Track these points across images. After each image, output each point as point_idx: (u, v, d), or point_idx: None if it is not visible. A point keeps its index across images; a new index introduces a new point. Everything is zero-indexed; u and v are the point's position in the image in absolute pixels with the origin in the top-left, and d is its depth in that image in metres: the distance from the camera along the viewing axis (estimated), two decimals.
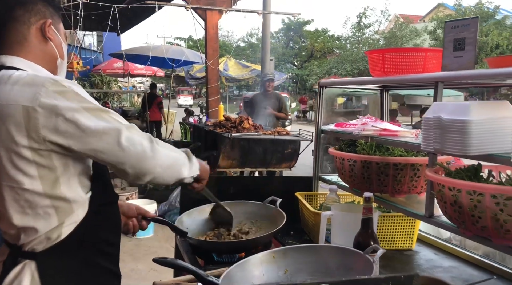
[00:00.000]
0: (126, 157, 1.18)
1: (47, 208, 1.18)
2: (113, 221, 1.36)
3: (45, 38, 1.29)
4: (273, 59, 8.81)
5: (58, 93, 1.14)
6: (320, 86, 2.27)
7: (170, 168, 1.29)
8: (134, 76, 17.44)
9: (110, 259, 1.33)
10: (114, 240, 1.36)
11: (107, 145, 1.16)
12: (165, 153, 1.26)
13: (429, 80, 1.56)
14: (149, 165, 1.21)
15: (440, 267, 1.80)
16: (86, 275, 1.25)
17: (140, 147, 1.19)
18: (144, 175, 1.22)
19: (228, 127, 5.42)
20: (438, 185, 1.35)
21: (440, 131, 1.36)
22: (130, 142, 1.18)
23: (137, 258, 4.44)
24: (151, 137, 1.24)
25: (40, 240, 1.19)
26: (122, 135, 1.17)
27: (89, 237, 1.25)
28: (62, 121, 1.13)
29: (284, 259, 1.53)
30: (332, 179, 2.29)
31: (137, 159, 1.19)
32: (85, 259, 1.25)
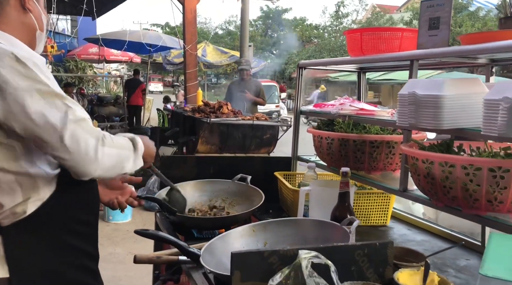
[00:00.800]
0: (66, 153, 1.12)
1: (11, 183, 1.16)
2: (86, 200, 1.32)
3: (24, 9, 1.24)
4: (251, 45, 8.80)
5: (14, 69, 1.08)
6: (299, 67, 2.30)
7: (112, 169, 1.23)
8: (110, 62, 17.10)
9: (83, 238, 1.30)
10: (88, 219, 1.33)
11: (49, 137, 1.10)
12: (109, 153, 1.19)
13: (405, 58, 1.60)
14: (89, 169, 1.15)
15: (413, 241, 1.87)
16: (53, 252, 1.23)
17: (84, 148, 1.13)
18: (83, 175, 1.17)
19: (207, 112, 5.41)
20: (412, 159, 1.41)
21: (414, 106, 1.41)
22: (73, 140, 1.11)
23: (116, 242, 4.42)
24: (99, 135, 1.17)
25: (6, 215, 1.17)
26: (66, 131, 1.10)
27: (58, 215, 1.22)
28: (9, 100, 1.07)
29: (264, 233, 1.57)
30: (310, 158, 2.34)
31: (79, 160, 1.13)
32: (53, 237, 1.22)
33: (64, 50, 13.30)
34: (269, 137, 5.63)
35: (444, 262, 1.64)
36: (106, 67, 18.62)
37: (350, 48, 1.91)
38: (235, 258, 1.10)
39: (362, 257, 1.20)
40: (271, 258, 1.12)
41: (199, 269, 1.49)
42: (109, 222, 4.94)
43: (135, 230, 1.38)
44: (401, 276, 1.22)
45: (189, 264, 1.53)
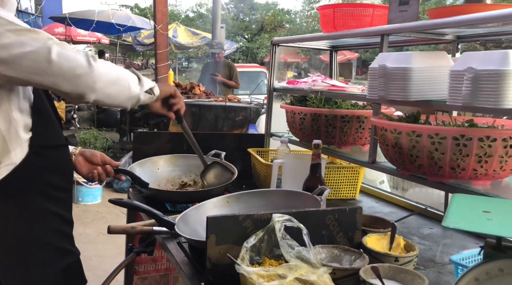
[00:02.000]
0: (59, 74, 1.10)
1: None
2: (59, 165, 1.30)
3: None
4: (224, 27, 8.71)
5: None
6: (273, 44, 2.31)
7: (115, 84, 1.20)
8: (77, 43, 16.53)
9: (59, 203, 1.29)
10: (63, 185, 1.31)
11: (37, 64, 1.08)
12: (105, 68, 1.18)
13: (376, 33, 1.64)
14: (87, 80, 1.13)
15: (381, 212, 1.95)
16: (29, 217, 1.22)
17: (74, 62, 1.11)
18: (85, 93, 1.15)
19: None
20: (382, 130, 1.46)
21: (384, 79, 1.46)
22: (62, 57, 1.10)
23: (85, 223, 4.37)
24: (88, 54, 1.16)
25: None
26: (52, 51, 1.09)
27: (31, 179, 1.21)
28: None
29: (238, 203, 1.60)
30: (283, 135, 2.37)
31: (73, 75, 1.11)
32: (27, 202, 1.21)
33: None
34: (241, 119, 5.66)
35: (409, 231, 1.72)
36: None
37: (323, 24, 1.94)
38: (210, 222, 1.12)
39: (332, 221, 1.25)
40: (246, 222, 1.15)
41: (173, 239, 1.51)
42: (79, 204, 4.87)
43: (109, 199, 1.37)
44: (369, 240, 1.28)
45: (164, 235, 1.54)
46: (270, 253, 1.14)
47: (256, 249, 1.12)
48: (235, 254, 1.08)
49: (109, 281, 1.47)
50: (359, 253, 1.18)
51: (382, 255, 1.20)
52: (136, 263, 2.25)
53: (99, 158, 1.57)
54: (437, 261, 1.43)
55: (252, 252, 1.10)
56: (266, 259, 1.12)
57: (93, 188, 4.95)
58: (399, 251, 1.26)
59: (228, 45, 11.87)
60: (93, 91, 1.16)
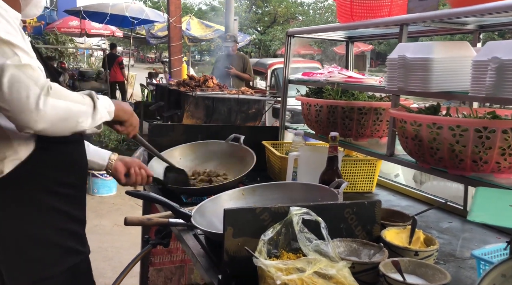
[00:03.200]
0: (6, 102, 1.03)
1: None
2: (70, 161, 1.28)
3: None
4: (237, 19, 8.67)
5: None
6: (288, 35, 2.29)
7: (62, 123, 1.12)
8: (91, 36, 16.66)
9: (66, 200, 1.27)
10: (72, 181, 1.29)
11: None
12: (55, 105, 1.08)
13: (394, 23, 1.61)
14: (30, 119, 1.05)
15: (398, 206, 1.92)
16: (34, 214, 1.20)
17: (24, 93, 1.03)
18: (24, 129, 1.07)
19: (192, 86, 5.36)
20: (401, 122, 1.43)
21: (404, 70, 1.43)
22: (13, 85, 1.02)
23: (101, 215, 4.42)
24: (45, 84, 1.07)
25: None
26: (5, 74, 1.01)
27: (37, 175, 1.19)
28: None
29: (253, 196, 1.59)
30: (298, 128, 2.35)
31: (17, 107, 1.03)
32: (32, 198, 1.20)
33: (43, 22, 12.90)
34: (254, 112, 5.63)
35: (427, 225, 1.69)
36: (87, 41, 18.16)
37: (340, 14, 1.91)
38: (228, 214, 1.11)
39: (351, 215, 1.23)
40: (263, 215, 1.14)
41: (189, 231, 1.51)
42: (94, 195, 4.92)
43: (126, 191, 1.37)
44: (388, 234, 1.26)
45: (180, 227, 1.55)
46: (287, 246, 1.13)
47: (273, 242, 1.11)
48: (252, 247, 1.07)
49: (125, 273, 1.48)
50: (378, 247, 1.16)
51: (401, 249, 1.18)
52: (152, 255, 2.26)
53: (137, 163, 1.57)
54: (458, 255, 1.40)
55: (269, 245, 1.09)
56: (283, 252, 1.11)
57: (108, 180, 4.99)
58: (419, 245, 1.23)
59: (241, 38, 11.82)
60: (32, 128, 1.08)
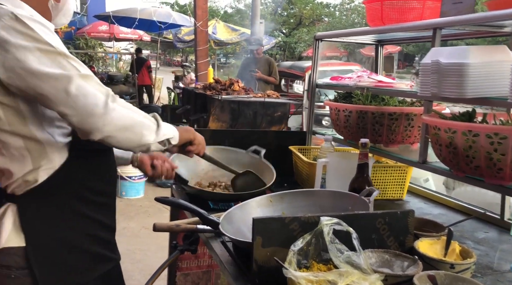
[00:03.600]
0: (75, 109, 1.06)
1: (21, 149, 1.15)
2: (100, 170, 1.30)
3: None
4: (263, 22, 8.67)
5: (14, 29, 1.06)
6: (316, 39, 2.26)
7: (128, 130, 1.14)
8: (120, 40, 17.00)
9: (97, 208, 1.29)
10: (103, 189, 1.31)
11: (53, 90, 1.06)
12: (122, 112, 1.12)
13: (428, 26, 1.56)
14: (98, 122, 1.08)
15: (430, 214, 1.87)
16: (67, 222, 1.23)
17: (92, 100, 1.07)
18: (92, 132, 1.09)
19: (218, 90, 5.39)
20: (434, 128, 1.39)
21: (437, 75, 1.38)
22: (80, 92, 1.06)
23: (129, 217, 4.48)
24: (109, 92, 1.11)
25: (19, 183, 1.18)
26: (73, 83, 1.06)
27: (70, 183, 1.22)
28: (11, 60, 1.05)
29: (281, 203, 1.57)
30: (326, 133, 2.32)
31: (85, 112, 1.07)
32: (65, 205, 1.22)
33: (74, 27, 13.24)
34: (280, 115, 5.60)
35: (462, 234, 1.63)
36: (115, 45, 18.55)
37: (370, 18, 1.87)
38: (256, 223, 1.10)
39: (383, 225, 1.20)
40: (292, 225, 1.12)
41: (217, 238, 1.51)
42: (122, 198, 5.00)
43: (155, 198, 1.38)
44: (422, 245, 1.22)
45: (208, 233, 1.54)
46: (318, 257, 1.11)
47: (303, 253, 1.09)
48: (281, 257, 1.06)
49: (154, 279, 1.48)
50: (412, 259, 1.13)
51: (436, 262, 1.14)
52: (179, 260, 2.27)
53: (161, 156, 1.60)
54: (495, 268, 1.35)
55: (299, 255, 1.08)
56: (314, 263, 1.09)
57: (136, 182, 5.07)
58: (455, 257, 1.19)
59: (267, 41, 11.82)
60: (100, 133, 1.11)
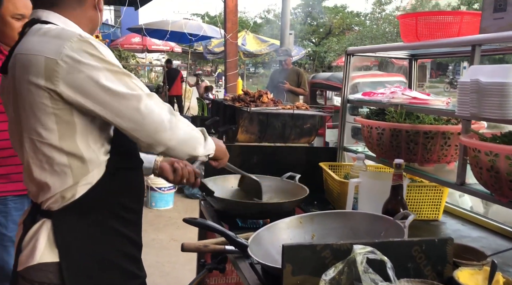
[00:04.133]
0: (143, 125, 1.16)
1: (63, 166, 1.18)
2: (132, 187, 1.34)
3: (96, 9, 1.29)
4: (292, 33, 8.66)
5: (83, 50, 1.12)
6: (347, 54, 2.22)
7: (186, 143, 1.26)
8: (152, 51, 17.41)
9: (128, 225, 1.32)
10: (133, 206, 1.34)
11: (126, 109, 1.14)
12: (182, 127, 1.24)
13: (466, 43, 1.50)
14: (164, 137, 1.19)
15: (468, 237, 1.78)
16: (101, 238, 1.25)
17: (159, 117, 1.17)
18: (157, 146, 1.20)
19: (247, 101, 5.37)
20: (474, 151, 1.32)
21: (477, 95, 1.32)
22: (149, 110, 1.15)
23: (158, 229, 4.52)
24: (171, 109, 1.22)
25: (56, 199, 1.20)
26: (142, 102, 1.15)
27: (105, 200, 1.24)
28: (82, 79, 1.11)
29: (312, 224, 1.53)
30: (357, 149, 2.27)
31: (154, 128, 1.17)
32: (99, 221, 1.24)
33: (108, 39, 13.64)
34: (309, 127, 5.54)
35: (504, 261, 1.53)
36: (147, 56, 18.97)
37: (404, 34, 1.82)
38: (286, 250, 1.07)
39: (419, 253, 1.14)
40: (324, 252, 1.08)
41: (245, 259, 1.48)
42: (152, 209, 5.05)
43: (184, 219, 1.37)
44: (462, 275, 1.15)
45: (236, 254, 1.52)
46: None
47: (335, 282, 1.05)
48: None
49: None
50: None
51: None
52: (207, 276, 2.25)
53: (184, 162, 1.61)
54: None
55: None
56: None
57: (165, 193, 5.11)
58: None
59: (296, 51, 11.80)
60: (165, 146, 1.21)
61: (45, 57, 1.12)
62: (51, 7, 1.23)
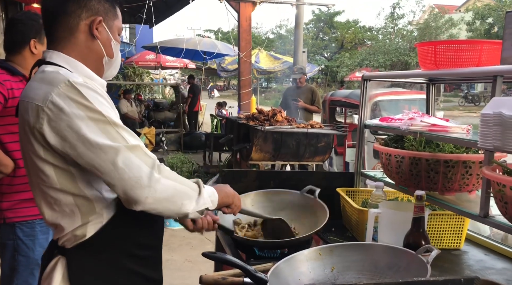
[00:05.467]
0: (119, 180, 1.10)
1: (71, 206, 1.18)
2: (148, 223, 1.30)
3: (93, 36, 1.25)
4: (305, 51, 8.71)
5: (69, 97, 1.11)
6: (364, 80, 2.21)
7: (169, 201, 1.16)
8: (166, 68, 17.64)
9: (142, 262, 1.30)
10: (150, 243, 1.32)
11: (102, 162, 1.10)
12: (164, 183, 1.14)
13: (487, 73, 1.48)
14: (140, 195, 1.11)
15: (493, 268, 1.73)
16: (113, 276, 1.24)
17: (137, 173, 1.10)
18: (134, 204, 1.12)
19: (261, 120, 5.40)
20: (498, 185, 1.29)
21: (500, 128, 1.29)
22: (126, 165, 1.10)
23: (173, 249, 4.50)
24: (155, 163, 1.14)
25: (68, 237, 1.21)
26: (119, 156, 1.10)
27: (117, 238, 1.24)
28: (63, 127, 1.10)
29: (331, 257, 1.50)
30: (375, 175, 2.24)
31: (130, 184, 1.10)
32: (112, 260, 1.23)
33: (123, 58, 13.87)
34: (324, 145, 5.53)
35: None
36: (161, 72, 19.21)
37: (422, 61, 1.81)
38: None
39: None
40: None
41: None
42: (166, 228, 5.04)
43: (203, 253, 1.37)
44: None
45: None
46: None
47: None
48: None
49: None
50: None
51: None
52: None
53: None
54: None
55: None
56: None
57: None
58: None
59: (309, 69, 11.85)
60: (142, 205, 1.13)
61: (35, 104, 1.14)
62: (54, 46, 1.24)
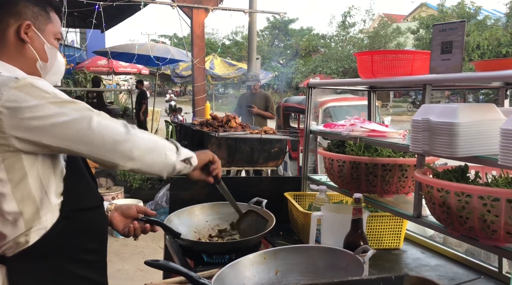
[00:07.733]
0: (99, 142, 1.15)
1: (14, 214, 1.15)
2: (92, 227, 1.29)
3: (22, 40, 1.23)
4: (259, 58, 8.81)
5: (22, 91, 1.10)
6: (309, 87, 2.29)
7: (152, 152, 1.23)
8: (118, 73, 17.26)
9: (89, 267, 1.28)
10: (94, 247, 1.31)
11: (78, 133, 1.13)
12: (143, 136, 1.22)
13: (418, 82, 1.58)
14: (125, 148, 1.17)
15: (427, 265, 1.84)
16: (56, 282, 1.21)
17: (115, 130, 1.17)
18: (122, 161, 1.18)
19: (215, 126, 5.41)
20: (427, 187, 1.38)
21: (428, 133, 1.39)
22: (101, 126, 1.15)
23: (124, 259, 4.40)
24: (125, 122, 1.21)
25: (9, 245, 1.16)
26: (92, 121, 1.14)
27: (61, 244, 1.21)
28: (28, 119, 1.10)
29: (275, 260, 1.54)
30: (320, 179, 2.31)
31: (112, 142, 1.16)
32: (56, 267, 1.21)
33: (73, 64, 13.43)
34: (277, 151, 5.60)
35: None
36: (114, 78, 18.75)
37: (361, 70, 1.90)
38: None
39: None
40: None
41: None
42: (118, 237, 4.91)
43: (145, 261, 1.36)
44: None
45: None
46: None
47: None
48: None
49: None
50: None
51: None
52: None
53: (135, 211, 1.56)
54: None
55: None
56: None
57: None
58: None
59: (264, 75, 11.98)
60: (131, 159, 1.19)
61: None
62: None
